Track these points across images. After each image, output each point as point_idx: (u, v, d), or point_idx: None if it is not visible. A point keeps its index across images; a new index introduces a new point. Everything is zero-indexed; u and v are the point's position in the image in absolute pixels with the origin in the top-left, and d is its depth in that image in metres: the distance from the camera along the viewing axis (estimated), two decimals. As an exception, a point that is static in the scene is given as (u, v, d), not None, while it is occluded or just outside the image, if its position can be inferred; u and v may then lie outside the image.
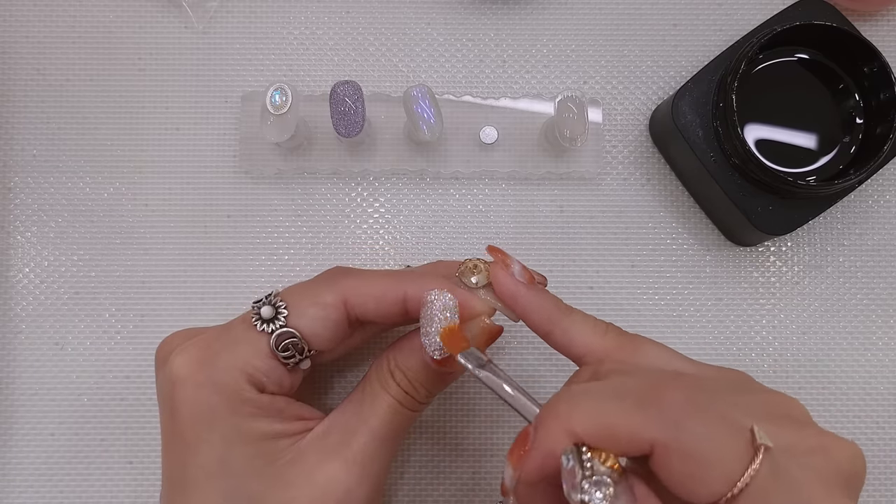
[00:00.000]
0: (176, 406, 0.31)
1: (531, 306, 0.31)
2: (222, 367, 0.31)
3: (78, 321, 0.43)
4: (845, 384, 0.43)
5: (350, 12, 0.45)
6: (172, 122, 0.44)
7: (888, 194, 0.45)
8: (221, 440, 0.31)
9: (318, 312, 0.32)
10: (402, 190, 0.44)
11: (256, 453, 0.31)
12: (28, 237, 0.43)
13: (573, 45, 0.45)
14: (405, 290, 0.32)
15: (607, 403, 0.25)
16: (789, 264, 0.44)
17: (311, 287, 0.33)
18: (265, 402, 0.32)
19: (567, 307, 0.32)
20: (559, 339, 0.31)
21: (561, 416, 0.25)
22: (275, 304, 0.32)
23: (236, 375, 0.31)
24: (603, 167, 0.44)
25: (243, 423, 0.31)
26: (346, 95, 0.39)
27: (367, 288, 0.33)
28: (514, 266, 0.32)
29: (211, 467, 0.31)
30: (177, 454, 0.32)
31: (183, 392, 0.31)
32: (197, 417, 0.31)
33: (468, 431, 0.42)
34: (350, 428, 0.33)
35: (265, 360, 0.32)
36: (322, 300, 0.32)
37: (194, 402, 0.31)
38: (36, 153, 0.44)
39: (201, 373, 0.31)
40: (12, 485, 0.42)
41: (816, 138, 0.41)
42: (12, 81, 0.44)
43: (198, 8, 0.45)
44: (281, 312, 0.32)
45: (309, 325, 0.32)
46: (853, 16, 0.43)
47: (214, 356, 0.31)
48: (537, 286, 0.32)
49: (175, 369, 0.31)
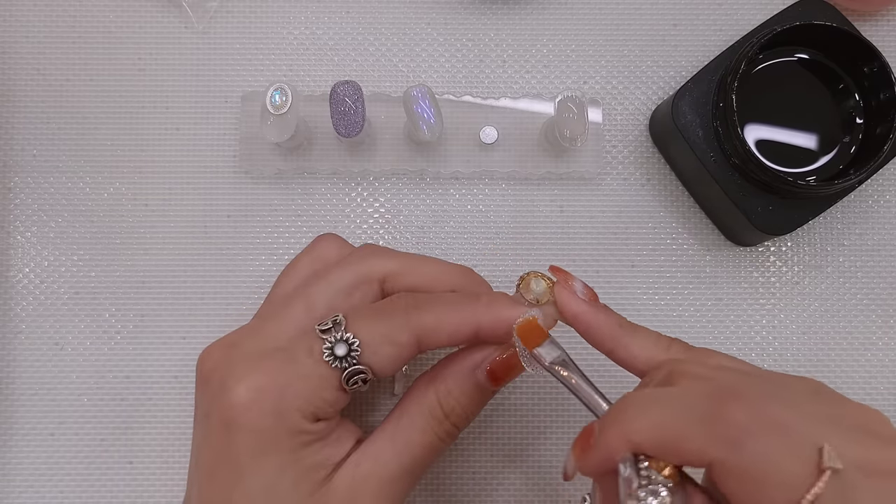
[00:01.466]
0: (235, 431, 0.30)
1: (594, 325, 0.31)
2: (290, 399, 0.31)
3: (78, 321, 0.43)
4: (845, 384, 0.43)
5: (350, 12, 0.45)
6: (172, 122, 0.44)
7: (888, 194, 0.45)
8: (275, 468, 0.30)
9: (391, 351, 0.32)
10: (402, 190, 0.44)
11: (302, 482, 0.31)
12: (28, 237, 0.43)
13: (573, 45, 0.45)
14: (479, 322, 0.32)
15: (669, 416, 0.25)
16: (789, 264, 0.44)
17: (384, 320, 0.32)
18: (321, 428, 0.32)
19: (630, 324, 0.32)
20: (622, 356, 0.31)
21: (623, 425, 0.26)
22: (348, 341, 0.31)
23: (302, 406, 0.31)
24: (603, 167, 0.44)
25: (300, 451, 0.31)
26: (346, 95, 0.39)
27: (442, 325, 0.32)
28: (576, 284, 0.33)
29: (256, 495, 0.30)
30: (222, 478, 0.31)
31: (247, 418, 0.30)
32: (257, 444, 0.30)
33: (483, 430, 0.43)
34: (382, 461, 0.32)
35: (333, 393, 0.31)
36: (397, 340, 0.32)
37: (258, 429, 0.30)
38: (36, 153, 0.44)
39: (267, 402, 0.30)
40: (12, 485, 0.42)
41: (816, 138, 0.41)
42: (12, 81, 0.44)
43: (198, 8, 0.45)
44: (354, 351, 0.31)
45: (380, 363, 0.32)
46: (853, 16, 0.43)
47: (283, 388, 0.31)
48: (599, 304, 0.32)
49: (238, 396, 0.31)
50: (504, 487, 0.42)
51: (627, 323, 0.32)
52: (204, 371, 0.33)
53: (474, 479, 0.42)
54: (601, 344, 0.31)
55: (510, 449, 0.42)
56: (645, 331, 0.32)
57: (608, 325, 0.31)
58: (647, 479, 0.24)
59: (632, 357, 0.31)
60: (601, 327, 0.31)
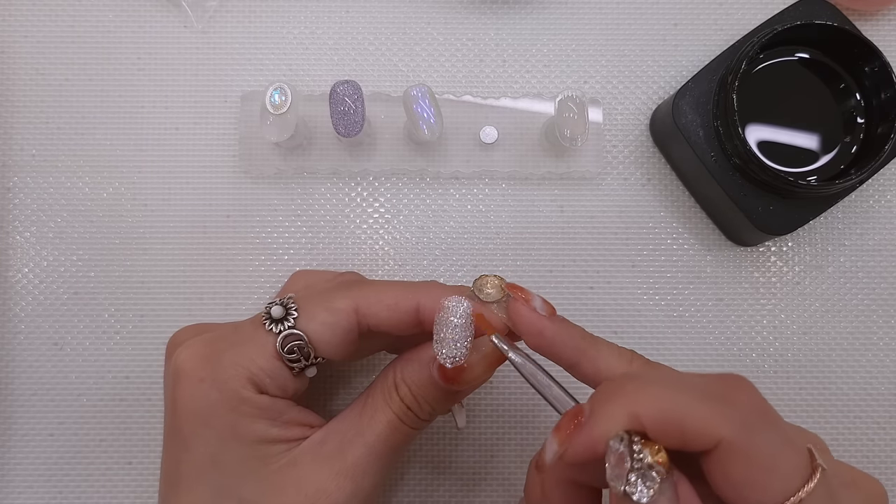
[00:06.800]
0: (176, 400, 0.31)
1: (557, 338, 0.30)
2: (225, 365, 0.31)
3: (77, 321, 0.43)
4: (846, 384, 0.43)
5: (350, 12, 0.45)
6: (172, 122, 0.44)
7: (889, 194, 0.45)
8: (216, 437, 0.31)
9: (328, 318, 0.32)
10: (402, 190, 0.44)
11: (250, 455, 0.31)
12: (27, 237, 0.43)
13: (573, 45, 0.45)
14: (419, 299, 0.32)
15: (679, 391, 0.24)
16: (790, 264, 0.44)
17: (325, 293, 0.33)
18: (265, 403, 0.31)
19: (592, 336, 0.30)
20: (587, 370, 0.29)
21: (627, 396, 0.24)
22: (286, 304, 0.32)
23: (238, 373, 0.31)
24: (603, 167, 0.44)
25: (240, 423, 0.31)
26: (345, 95, 0.39)
27: (379, 296, 0.32)
28: (535, 301, 0.31)
29: (203, 464, 0.31)
30: (173, 449, 0.32)
31: (184, 387, 0.31)
32: (195, 413, 0.31)
33: (469, 432, 0.42)
34: (347, 438, 0.32)
35: (270, 361, 0.31)
36: (334, 305, 0.32)
37: (193, 397, 0.31)
38: (35, 153, 0.44)
39: (204, 369, 0.31)
40: (12, 485, 0.42)
41: (817, 138, 0.41)
42: (11, 81, 0.44)
43: (197, 7, 0.45)
44: (291, 314, 0.31)
45: (318, 330, 0.32)
46: (854, 15, 0.43)
47: (220, 353, 0.31)
48: (561, 318, 0.31)
49: (179, 363, 0.31)
50: (492, 488, 0.42)
51: (589, 335, 0.30)
52: (168, 347, 0.34)
53: (462, 479, 0.42)
54: (563, 358, 0.30)
55: (498, 449, 0.42)
56: (606, 343, 0.30)
57: (572, 337, 0.30)
58: (640, 462, 0.23)
59: (597, 371, 0.29)
60: (565, 340, 0.30)
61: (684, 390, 0.25)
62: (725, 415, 0.24)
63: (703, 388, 0.25)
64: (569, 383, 0.29)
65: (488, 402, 0.43)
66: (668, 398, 0.24)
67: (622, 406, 0.24)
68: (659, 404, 0.24)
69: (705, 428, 0.23)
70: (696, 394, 0.24)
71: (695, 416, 0.24)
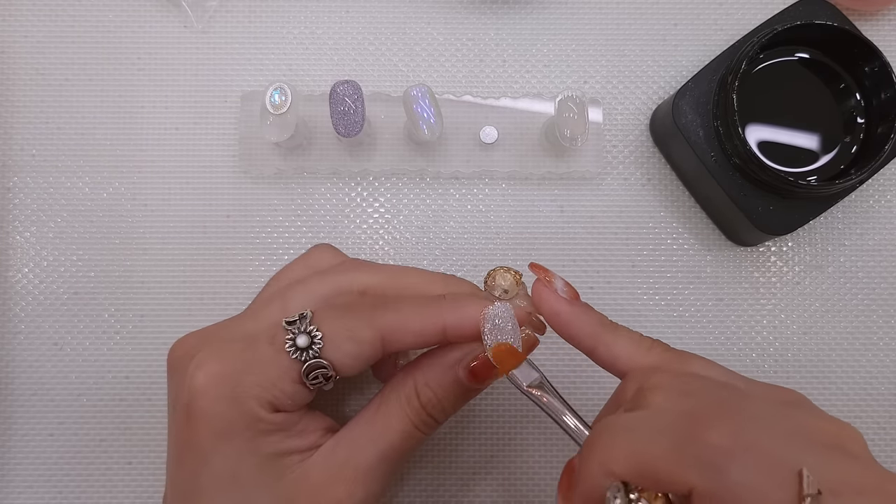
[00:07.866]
0: (194, 416, 0.31)
1: (575, 323, 0.31)
2: (247, 386, 0.31)
3: (77, 321, 0.43)
4: (846, 384, 0.43)
5: (350, 12, 0.45)
6: (172, 122, 0.44)
7: (889, 194, 0.45)
8: (236, 453, 0.31)
9: (353, 348, 0.31)
10: (402, 190, 0.44)
11: (266, 468, 0.31)
12: (27, 237, 0.43)
13: (573, 45, 0.45)
14: (444, 321, 0.32)
15: (645, 443, 0.24)
16: (790, 264, 0.44)
17: (349, 317, 0.32)
18: (280, 419, 0.32)
19: (611, 323, 0.31)
20: (603, 355, 0.30)
21: (599, 456, 0.25)
22: (310, 333, 0.31)
23: (260, 395, 0.31)
24: (603, 167, 0.44)
25: (257, 439, 0.31)
26: (345, 95, 0.39)
27: (406, 324, 0.32)
28: (557, 282, 0.32)
29: (224, 479, 0.31)
30: (189, 462, 0.31)
31: (203, 403, 0.31)
32: (214, 429, 0.31)
33: (468, 432, 0.42)
34: (358, 446, 0.32)
35: (292, 386, 0.31)
36: (359, 336, 0.31)
37: (213, 414, 0.31)
38: (35, 153, 0.44)
39: (224, 387, 0.31)
40: (11, 485, 0.42)
41: (817, 138, 0.41)
42: (11, 81, 0.44)
43: (197, 7, 0.45)
44: (316, 343, 0.31)
45: (342, 359, 0.31)
46: (854, 15, 0.43)
47: (240, 374, 0.31)
48: (580, 302, 0.32)
49: (197, 381, 0.31)
50: (491, 488, 0.42)
51: (609, 322, 0.31)
52: (172, 359, 0.34)
53: (462, 479, 0.42)
54: (581, 343, 0.31)
55: (497, 449, 0.42)
56: (626, 330, 0.31)
57: (589, 323, 0.31)
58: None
59: (613, 358, 0.30)
60: (582, 326, 0.31)
61: (654, 438, 0.24)
62: (692, 461, 0.23)
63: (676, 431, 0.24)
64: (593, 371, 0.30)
65: (488, 402, 0.43)
66: (638, 451, 0.24)
67: (598, 464, 0.25)
68: (630, 458, 0.24)
69: (675, 477, 0.23)
70: (665, 440, 0.24)
71: (664, 468, 0.23)
